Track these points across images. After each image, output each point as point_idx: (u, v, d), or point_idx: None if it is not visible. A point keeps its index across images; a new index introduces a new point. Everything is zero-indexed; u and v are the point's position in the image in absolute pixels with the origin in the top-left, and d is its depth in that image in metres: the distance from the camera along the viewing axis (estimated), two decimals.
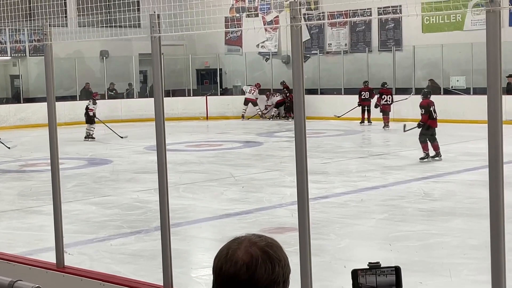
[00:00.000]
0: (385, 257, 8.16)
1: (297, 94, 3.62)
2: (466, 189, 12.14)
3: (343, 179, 13.87)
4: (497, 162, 3.07)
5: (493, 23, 3.04)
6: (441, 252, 8.35)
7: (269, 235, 6.76)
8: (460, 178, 13.51)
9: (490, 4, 3.01)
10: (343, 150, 18.64)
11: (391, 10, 26.85)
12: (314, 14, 29.84)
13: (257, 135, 22.57)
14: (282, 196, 11.91)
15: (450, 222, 9.92)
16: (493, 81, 3.09)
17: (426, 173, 14.18)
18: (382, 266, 2.18)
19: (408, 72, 27.68)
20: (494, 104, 3.11)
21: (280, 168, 15.18)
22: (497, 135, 3.09)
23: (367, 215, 10.62)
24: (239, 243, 1.90)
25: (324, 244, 8.78)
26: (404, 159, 16.29)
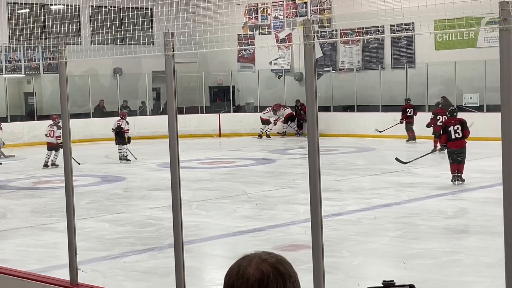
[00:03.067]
0: (399, 275, 8.13)
1: (310, 112, 3.62)
2: (479, 207, 12.09)
3: (356, 196, 13.84)
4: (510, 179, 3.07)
5: (506, 41, 3.05)
6: (454, 270, 8.31)
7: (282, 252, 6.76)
8: (473, 195, 13.46)
9: (504, 22, 3.01)
10: (356, 167, 18.60)
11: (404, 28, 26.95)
12: (327, 32, 29.92)
13: (270, 152, 22.58)
14: (295, 214, 11.90)
15: (464, 240, 9.89)
16: (506, 98, 3.09)
17: (439, 190, 14.14)
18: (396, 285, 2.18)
19: (421, 89, 27.66)
20: (507, 121, 3.11)
21: (293, 185, 15.17)
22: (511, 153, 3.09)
23: (381, 232, 10.59)
24: (250, 260, 1.91)
25: (337, 261, 8.76)
26: (417, 176, 16.25)
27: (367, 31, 28.50)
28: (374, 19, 21.14)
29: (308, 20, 3.55)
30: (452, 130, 14.77)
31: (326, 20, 30.38)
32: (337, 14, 29.60)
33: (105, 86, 31.44)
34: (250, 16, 32.60)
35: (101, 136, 27.04)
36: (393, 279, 2.20)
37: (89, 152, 22.23)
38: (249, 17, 32.63)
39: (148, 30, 21.55)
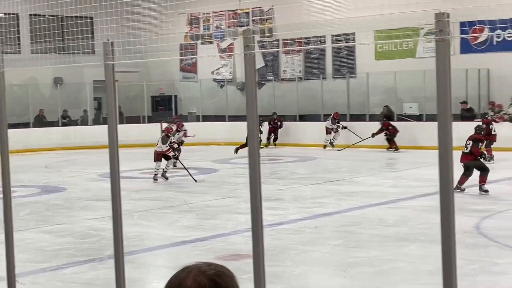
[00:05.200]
0: (340, 283, 8.19)
1: (251, 121, 3.63)
2: (419, 215, 12.23)
3: (298, 206, 13.90)
4: (447, 188, 3.11)
5: (442, 51, 3.09)
6: (395, 278, 8.39)
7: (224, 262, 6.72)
8: (413, 204, 13.62)
9: (440, 33, 3.06)
10: (298, 176, 18.69)
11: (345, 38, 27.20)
12: (269, 42, 30.04)
13: (212, 162, 22.53)
14: (237, 223, 11.89)
15: (404, 248, 9.98)
16: (443, 108, 3.14)
17: (380, 199, 14.27)
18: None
19: (361, 98, 27.95)
20: (444, 130, 3.15)
21: (235, 194, 15.17)
22: (448, 161, 3.13)
23: (322, 241, 10.64)
24: (188, 272, 1.89)
25: (279, 271, 8.77)
26: (358, 185, 16.39)
27: (309, 41, 28.78)
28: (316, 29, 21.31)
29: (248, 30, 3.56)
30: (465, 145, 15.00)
31: (268, 30, 30.50)
32: (279, 24, 29.75)
33: (45, 96, 31.03)
34: (192, 26, 32.56)
35: (41, 146, 26.66)
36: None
37: (29, 162, 21.87)
38: (191, 27, 32.59)
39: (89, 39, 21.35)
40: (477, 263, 8.87)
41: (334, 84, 29.34)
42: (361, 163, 21.68)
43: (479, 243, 10.03)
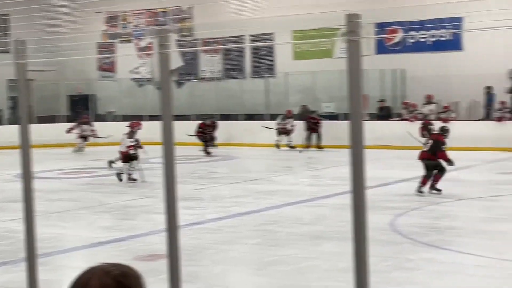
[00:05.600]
0: (258, 282, 8.24)
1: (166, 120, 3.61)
2: (336, 213, 12.39)
3: (217, 205, 13.91)
4: (359, 186, 3.17)
5: (354, 52, 3.15)
6: (312, 275, 8.48)
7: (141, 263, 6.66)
8: (330, 202, 13.78)
9: (351, 34, 3.11)
10: (217, 176, 18.70)
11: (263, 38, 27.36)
12: (187, 41, 29.96)
13: None
14: (155, 223, 11.80)
15: (321, 246, 10.10)
16: (355, 107, 3.19)
17: (297, 198, 14.41)
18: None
19: (281, 98, 28.16)
20: (356, 129, 3.21)
21: (154, 194, 15.06)
22: (359, 160, 3.19)
23: (241, 240, 10.67)
24: (93, 273, 1.88)
25: (197, 270, 8.76)
26: (276, 184, 16.50)
27: (227, 40, 28.83)
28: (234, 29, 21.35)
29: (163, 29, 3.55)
30: None
31: (187, 29, 30.43)
32: (198, 23, 29.71)
33: None
34: (110, 24, 32.21)
35: None
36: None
37: None
38: (109, 25, 32.23)
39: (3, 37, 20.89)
40: (390, 260, 9.04)
41: (253, 83, 29.48)
42: (280, 162, 21.85)
43: (393, 240, 10.23)
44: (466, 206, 13.19)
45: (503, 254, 9.22)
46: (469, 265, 8.73)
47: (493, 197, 14.06)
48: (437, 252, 9.46)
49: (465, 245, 9.84)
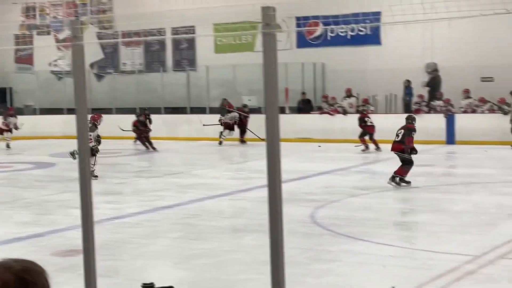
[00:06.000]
0: (179, 275, 8.21)
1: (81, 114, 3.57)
2: (257, 206, 12.41)
3: (138, 199, 13.80)
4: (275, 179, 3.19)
5: (269, 45, 3.16)
6: (233, 268, 8.50)
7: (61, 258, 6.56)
8: (252, 195, 13.83)
9: (266, 27, 3.12)
10: (138, 170, 18.56)
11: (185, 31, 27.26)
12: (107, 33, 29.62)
13: (49, 156, 21.98)
14: (74, 218, 11.62)
15: (242, 238, 10.14)
16: (270, 101, 3.21)
17: (219, 191, 14.42)
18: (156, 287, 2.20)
19: (202, 91, 28.11)
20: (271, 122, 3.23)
21: (73, 189, 14.81)
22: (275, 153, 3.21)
23: (162, 234, 10.63)
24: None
25: (118, 265, 8.69)
26: (198, 178, 16.48)
27: (149, 33, 28.60)
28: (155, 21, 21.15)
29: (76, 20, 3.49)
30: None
31: (107, 21, 30.07)
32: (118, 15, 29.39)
33: None
34: (28, 15, 31.58)
35: None
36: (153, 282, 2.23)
37: None
38: (26, 17, 31.59)
39: None
40: (310, 252, 9.14)
41: (174, 77, 29.34)
42: (203, 156, 21.83)
43: (313, 232, 10.34)
44: (384, 198, 13.43)
45: (417, 244, 9.43)
46: (385, 255, 8.89)
47: (410, 189, 14.35)
48: (356, 244, 9.60)
49: (382, 236, 10.02)
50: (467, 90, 24.09)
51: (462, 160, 20.29)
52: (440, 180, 15.76)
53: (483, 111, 23.63)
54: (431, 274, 7.93)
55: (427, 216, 11.41)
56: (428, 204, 12.52)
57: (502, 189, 13.64)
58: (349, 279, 7.98)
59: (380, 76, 25.44)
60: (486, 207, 12.20)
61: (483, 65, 24.11)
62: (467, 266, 8.28)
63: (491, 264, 8.34)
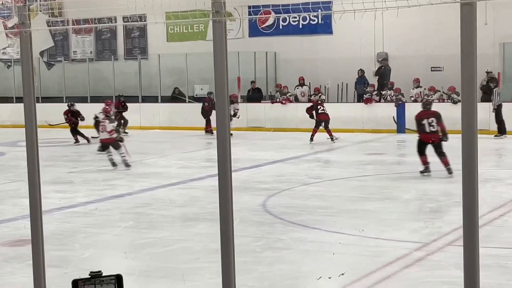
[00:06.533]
0: (130, 265, 8.18)
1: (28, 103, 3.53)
2: (209, 195, 12.42)
3: (89, 188, 13.70)
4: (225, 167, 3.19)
5: (219, 32, 3.16)
6: (184, 257, 8.49)
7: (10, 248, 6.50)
8: (204, 184, 13.83)
9: (216, 15, 3.12)
10: (89, 159, 18.40)
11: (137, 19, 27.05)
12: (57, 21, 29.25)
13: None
14: (23, 208, 11.49)
15: (194, 227, 10.13)
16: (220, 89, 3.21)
17: (171, 179, 14.38)
18: (103, 275, 2.19)
19: (154, 80, 27.96)
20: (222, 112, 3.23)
21: (23, 178, 14.64)
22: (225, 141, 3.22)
23: (113, 223, 10.57)
24: None
25: (68, 255, 8.62)
26: (149, 167, 16.42)
27: (100, 20, 28.34)
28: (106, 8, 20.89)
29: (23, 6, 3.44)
30: (427, 123, 14.37)
31: (57, 8, 29.69)
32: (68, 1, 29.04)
33: None
34: None
35: None
36: (100, 270, 2.22)
37: None
38: None
39: None
40: (262, 240, 9.17)
41: (125, 65, 29.13)
42: (153, 144, 21.73)
43: (265, 221, 10.38)
44: (334, 186, 13.53)
45: (367, 231, 9.53)
46: (336, 243, 8.97)
47: (360, 177, 14.48)
48: (307, 232, 9.66)
49: (334, 224, 10.09)
50: (417, 79, 24.37)
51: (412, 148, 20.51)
52: (391, 168, 15.93)
53: (433, 100, 23.91)
54: (380, 261, 8.03)
55: (377, 204, 11.53)
56: (379, 192, 12.65)
57: (450, 178, 13.84)
58: (300, 267, 8.03)
59: (331, 65, 25.59)
60: (435, 195, 12.38)
61: (433, 54, 24.41)
62: (416, 253, 8.39)
63: (439, 251, 8.47)
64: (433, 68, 24.77)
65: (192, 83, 27.50)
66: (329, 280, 7.40)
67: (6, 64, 31.07)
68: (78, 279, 2.16)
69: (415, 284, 7.22)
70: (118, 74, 28.77)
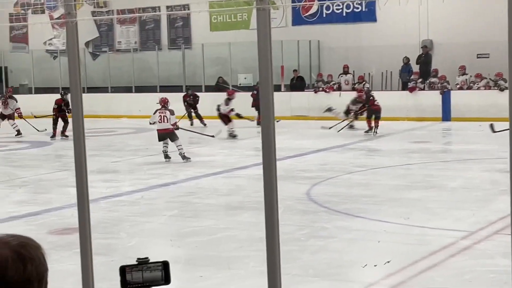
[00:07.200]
0: (175, 253, 8.25)
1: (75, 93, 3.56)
2: (253, 184, 12.43)
3: (134, 177, 13.82)
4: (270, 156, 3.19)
5: (262, 20, 3.15)
6: (229, 245, 8.54)
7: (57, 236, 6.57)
8: (248, 172, 13.85)
9: (260, 2, 3.11)
10: (134, 148, 18.55)
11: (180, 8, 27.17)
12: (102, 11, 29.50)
13: (45, 135, 21.94)
14: (70, 197, 11.63)
15: (238, 216, 10.17)
16: (264, 77, 3.20)
17: (215, 168, 14.44)
18: (150, 262, 2.21)
19: (197, 70, 28.05)
20: (266, 100, 3.23)
21: (69, 168, 14.84)
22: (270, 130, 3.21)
23: (158, 212, 10.65)
24: None
25: (113, 243, 8.72)
26: (193, 156, 16.47)
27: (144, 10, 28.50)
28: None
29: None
30: None
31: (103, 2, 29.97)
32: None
33: None
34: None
35: None
36: (147, 257, 2.24)
37: None
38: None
39: None
40: (307, 229, 9.17)
41: (169, 55, 29.26)
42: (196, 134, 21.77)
43: (309, 209, 10.37)
44: (379, 175, 13.46)
45: (412, 220, 9.46)
46: (381, 231, 8.93)
47: (405, 166, 14.38)
48: (352, 220, 9.64)
49: (378, 212, 10.05)
50: (463, 67, 24.07)
51: (458, 136, 20.32)
52: (436, 156, 15.78)
53: (479, 88, 23.62)
54: (426, 250, 7.97)
55: (423, 193, 11.44)
56: (424, 181, 12.55)
57: (497, 165, 13.66)
58: (345, 255, 8.02)
59: (375, 53, 25.39)
60: (481, 183, 12.24)
61: (479, 41, 24.06)
62: (462, 242, 8.32)
63: (486, 239, 8.38)
64: (479, 55, 24.43)
65: (236, 72, 27.52)
66: (374, 268, 7.38)
67: (52, 55, 31.43)
68: (126, 266, 2.19)
69: (461, 273, 7.16)
70: (162, 64, 28.91)
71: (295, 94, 25.37)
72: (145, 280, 2.20)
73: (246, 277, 7.32)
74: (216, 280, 7.28)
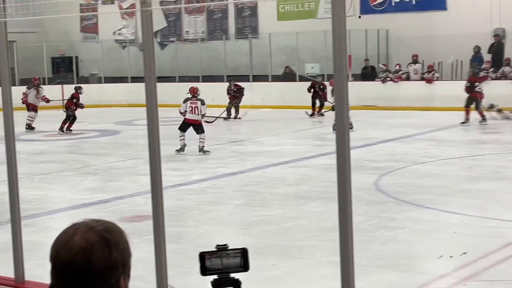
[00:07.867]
0: (243, 241, 8.26)
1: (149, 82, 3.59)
2: (321, 173, 12.42)
3: (202, 166, 13.92)
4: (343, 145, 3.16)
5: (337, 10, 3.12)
6: (297, 235, 8.53)
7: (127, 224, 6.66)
8: (315, 162, 13.81)
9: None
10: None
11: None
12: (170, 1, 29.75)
13: (114, 124, 22.28)
14: (140, 185, 11.80)
15: (306, 205, 10.15)
16: (339, 68, 3.18)
17: (282, 158, 14.43)
18: (229, 248, 2.22)
19: (264, 59, 28.04)
20: (340, 90, 3.20)
21: (138, 156, 15.03)
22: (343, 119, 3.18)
23: (225, 201, 10.71)
24: (76, 229, 1.87)
25: (182, 231, 8.79)
26: (261, 145, 16.51)
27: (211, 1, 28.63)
28: None
29: None
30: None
31: None
32: None
33: None
34: None
35: None
36: (227, 243, 2.24)
37: None
38: None
39: None
40: (375, 219, 9.10)
41: (237, 44, 29.32)
42: (264, 123, 21.83)
43: (377, 200, 10.29)
44: (449, 165, 13.26)
45: (486, 212, 9.30)
46: (452, 223, 8.80)
47: (477, 156, 14.14)
48: (421, 211, 9.53)
49: (449, 203, 9.91)
50: None
51: None
52: (508, 147, 15.48)
53: None
54: (499, 242, 7.83)
55: (495, 184, 11.23)
56: (496, 172, 12.32)
57: None
58: (414, 247, 7.94)
59: (446, 42, 24.97)
60: None
61: None
62: None
63: None
64: None
65: (303, 61, 27.43)
66: (445, 260, 7.28)
67: (121, 45, 31.83)
68: (205, 252, 2.20)
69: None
70: (230, 53, 29.01)
71: (362, 84, 25.16)
72: (224, 267, 2.22)
73: (314, 266, 7.31)
74: (287, 269, 7.29)
